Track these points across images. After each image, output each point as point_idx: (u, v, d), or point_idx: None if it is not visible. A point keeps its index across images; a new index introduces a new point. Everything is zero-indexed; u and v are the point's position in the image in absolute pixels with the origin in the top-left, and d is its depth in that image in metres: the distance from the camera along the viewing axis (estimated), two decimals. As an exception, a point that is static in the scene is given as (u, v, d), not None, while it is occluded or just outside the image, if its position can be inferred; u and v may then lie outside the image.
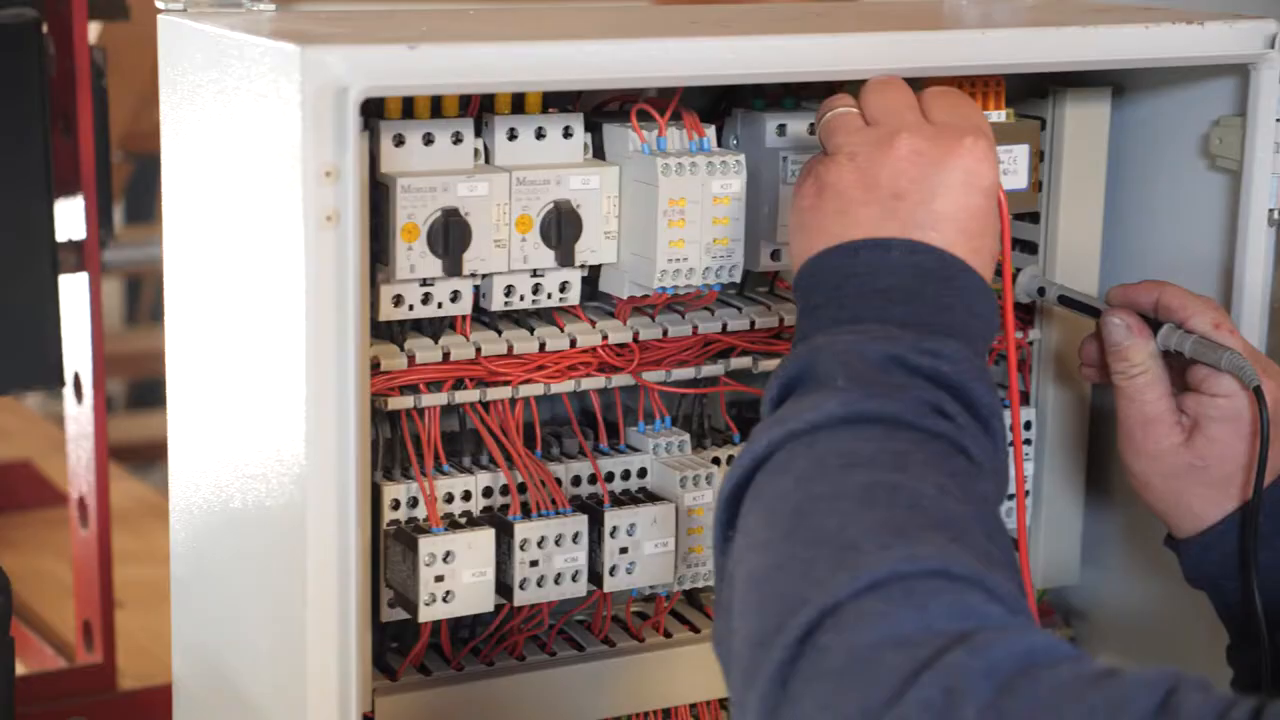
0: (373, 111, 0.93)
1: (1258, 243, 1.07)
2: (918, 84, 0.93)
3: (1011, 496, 1.06)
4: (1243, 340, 1.00)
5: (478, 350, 0.98)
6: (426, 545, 0.95)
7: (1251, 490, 0.97)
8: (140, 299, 3.23)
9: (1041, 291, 1.09)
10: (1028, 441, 1.15)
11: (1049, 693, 0.60)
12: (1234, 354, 0.97)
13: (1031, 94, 1.13)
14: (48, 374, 1.48)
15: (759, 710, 0.65)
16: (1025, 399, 1.16)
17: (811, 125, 1.00)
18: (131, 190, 2.81)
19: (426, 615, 0.96)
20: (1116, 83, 1.14)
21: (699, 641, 1.08)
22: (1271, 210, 1.07)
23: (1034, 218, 1.15)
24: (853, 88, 1.04)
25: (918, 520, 0.69)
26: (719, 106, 1.06)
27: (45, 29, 1.45)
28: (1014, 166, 1.09)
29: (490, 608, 0.98)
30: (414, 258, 0.93)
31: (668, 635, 1.08)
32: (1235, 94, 1.08)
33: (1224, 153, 1.08)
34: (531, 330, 1.01)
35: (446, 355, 0.98)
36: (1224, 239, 1.09)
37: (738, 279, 1.00)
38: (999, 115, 1.08)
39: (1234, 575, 0.98)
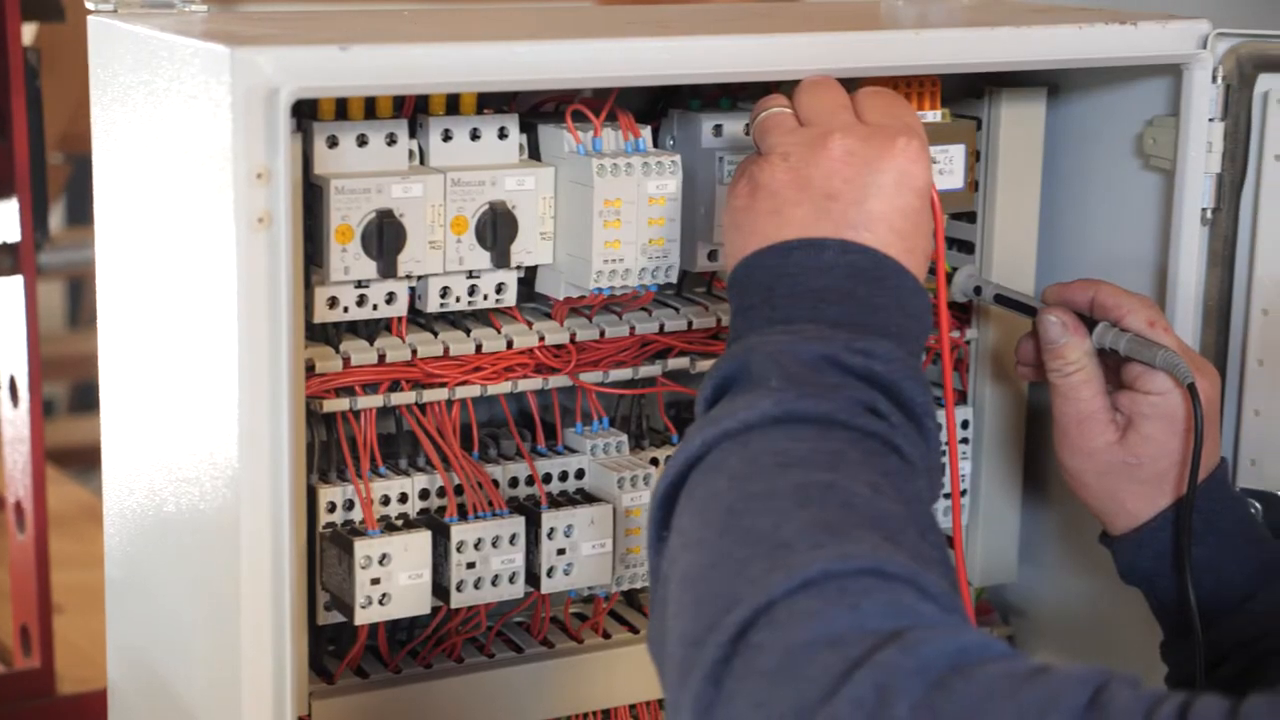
0: (306, 113, 0.93)
1: (1191, 241, 1.07)
2: (854, 84, 0.93)
3: (947, 495, 1.07)
4: (1176, 338, 1.01)
5: (414, 352, 0.98)
6: (362, 548, 0.95)
7: (1183, 487, 0.98)
8: (83, 301, 3.21)
9: (978, 291, 1.09)
10: (965, 440, 1.15)
11: (981, 690, 0.60)
12: (1168, 352, 0.98)
13: (967, 94, 1.14)
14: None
15: (693, 709, 0.65)
16: (963, 398, 1.17)
17: (748, 126, 1.00)
18: (72, 191, 2.79)
19: (363, 618, 0.95)
20: (1052, 83, 1.15)
21: (638, 642, 1.08)
22: (1204, 210, 1.08)
23: (970, 217, 1.15)
24: (788, 88, 1.05)
25: (851, 519, 0.69)
26: (656, 107, 1.06)
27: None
28: (950, 166, 1.10)
29: (427, 610, 0.97)
30: (348, 260, 0.93)
31: (606, 636, 1.08)
32: (1169, 94, 1.08)
33: (1157, 152, 1.09)
34: (468, 332, 1.00)
35: (382, 357, 0.97)
36: (1158, 238, 1.10)
37: (674, 279, 1.00)
38: (935, 115, 1.08)
39: (1167, 572, 0.99)
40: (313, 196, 0.93)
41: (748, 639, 0.64)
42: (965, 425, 1.15)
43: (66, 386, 3.15)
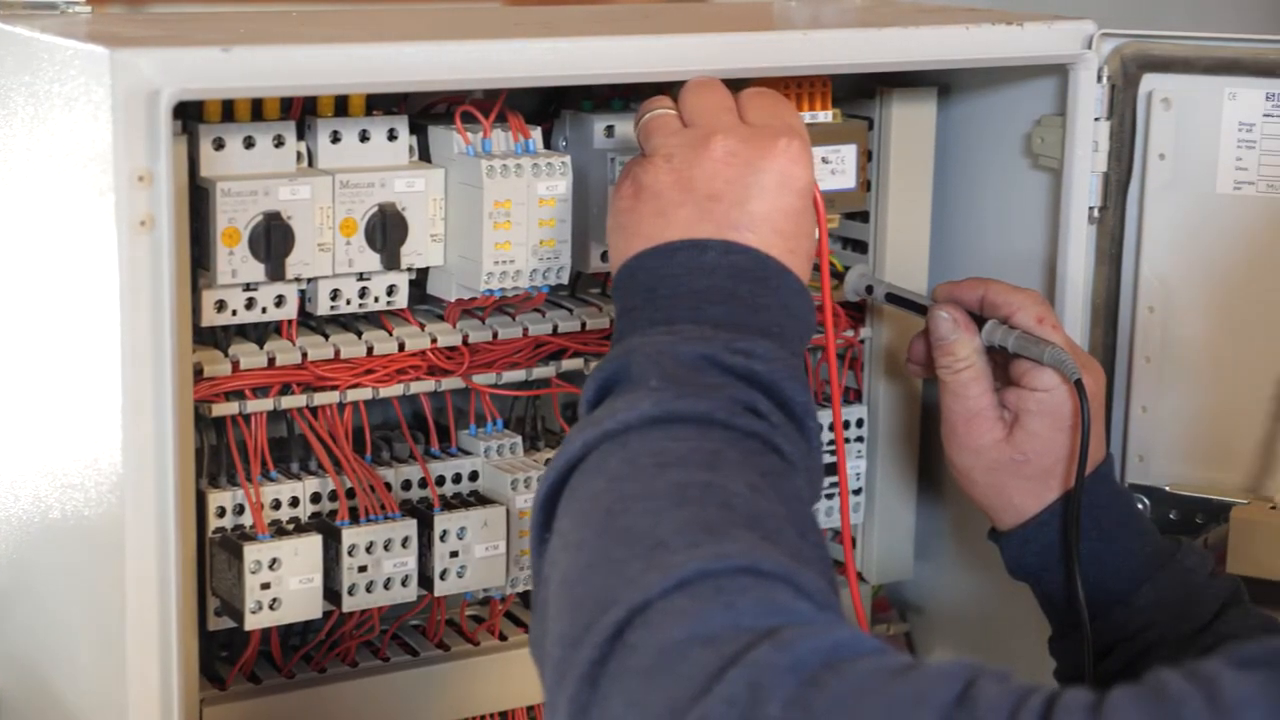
0: (192, 114, 0.92)
1: (1078, 240, 1.08)
2: (744, 85, 0.93)
3: (832, 495, 1.07)
4: (1065, 335, 1.02)
5: (304, 355, 0.98)
6: (252, 552, 0.94)
7: (1068, 483, 0.99)
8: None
9: (870, 290, 1.10)
10: (860, 439, 1.16)
11: (852, 686, 0.61)
12: (1056, 348, 0.99)
13: (859, 94, 1.15)
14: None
15: (568, 710, 0.65)
16: (857, 396, 1.17)
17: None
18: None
19: (253, 623, 0.95)
20: (942, 83, 1.16)
21: (534, 644, 1.07)
22: (1091, 208, 1.09)
23: (863, 217, 1.16)
24: (678, 89, 1.05)
25: (728, 518, 0.69)
26: (548, 108, 1.06)
27: None
28: (842, 166, 1.10)
29: (318, 614, 0.97)
30: (235, 262, 0.92)
31: (502, 638, 1.08)
32: (1056, 94, 1.09)
33: (1045, 151, 1.10)
34: (359, 334, 1.00)
35: (272, 360, 0.97)
36: (1047, 236, 1.11)
37: (565, 280, 1.00)
38: (826, 115, 1.09)
39: (1053, 567, 1.00)
40: (199, 199, 0.92)
41: (624, 639, 0.64)
42: (860, 424, 1.16)
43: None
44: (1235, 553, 1.06)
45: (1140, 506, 1.09)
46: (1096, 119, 1.07)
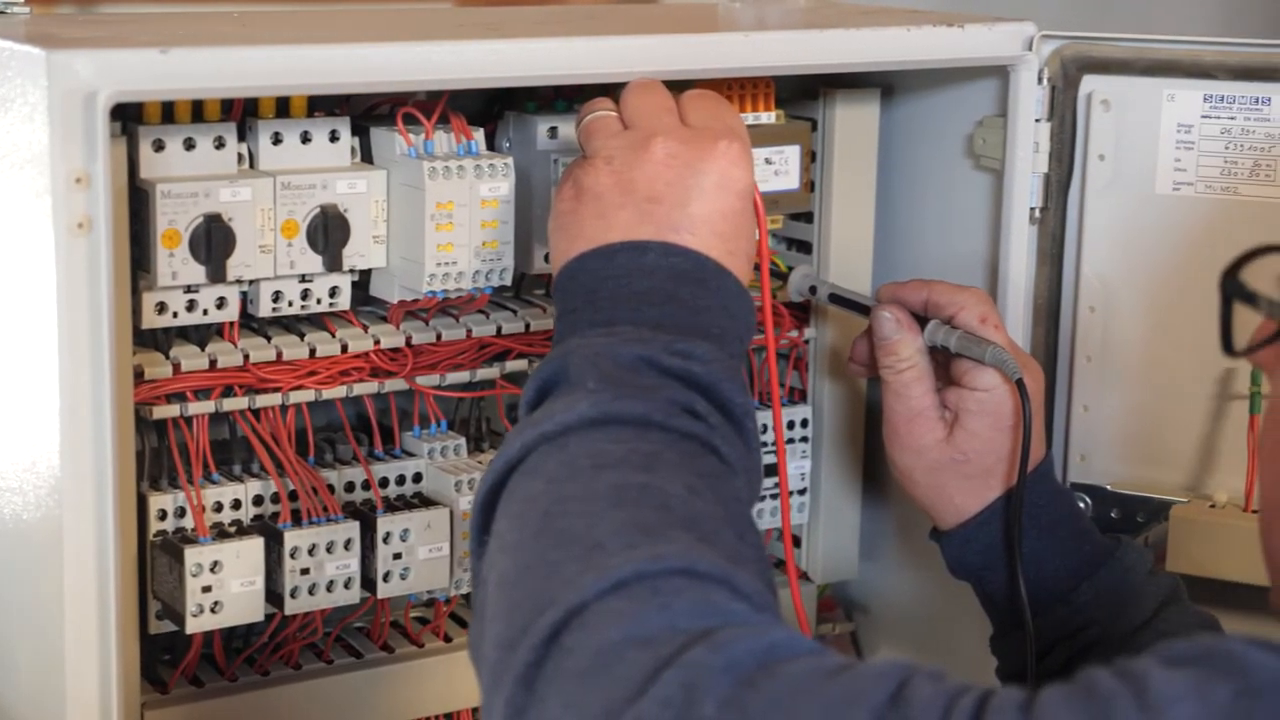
0: (131, 116, 0.92)
1: (1020, 240, 1.09)
2: (687, 86, 0.93)
3: (776, 495, 1.08)
4: (1006, 335, 1.03)
5: (246, 357, 0.97)
6: (193, 555, 0.94)
7: (1009, 482, 1.00)
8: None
9: (813, 290, 1.10)
10: (805, 439, 1.16)
11: (787, 687, 0.61)
12: (997, 348, 0.99)
13: (803, 95, 1.15)
14: None
15: (504, 713, 0.65)
16: (801, 397, 1.18)
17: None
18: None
19: (194, 626, 0.94)
20: (885, 84, 1.16)
21: (479, 645, 1.07)
22: (1033, 209, 1.10)
23: (807, 218, 1.16)
24: (620, 91, 1.05)
25: (665, 519, 0.69)
26: (492, 109, 1.06)
27: None
28: (785, 167, 1.11)
29: (260, 618, 0.97)
30: (176, 264, 0.92)
31: (447, 639, 1.07)
32: (997, 95, 1.10)
33: (987, 152, 1.11)
34: (302, 336, 1.00)
35: (214, 362, 0.97)
36: (989, 237, 1.12)
37: (508, 282, 1.00)
38: (769, 117, 1.10)
39: (994, 566, 1.01)
40: (139, 201, 0.92)
41: (560, 641, 0.64)
42: (805, 424, 1.16)
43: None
44: (1175, 551, 1.07)
45: (1081, 505, 1.10)
46: (1037, 120, 1.08)
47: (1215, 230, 1.06)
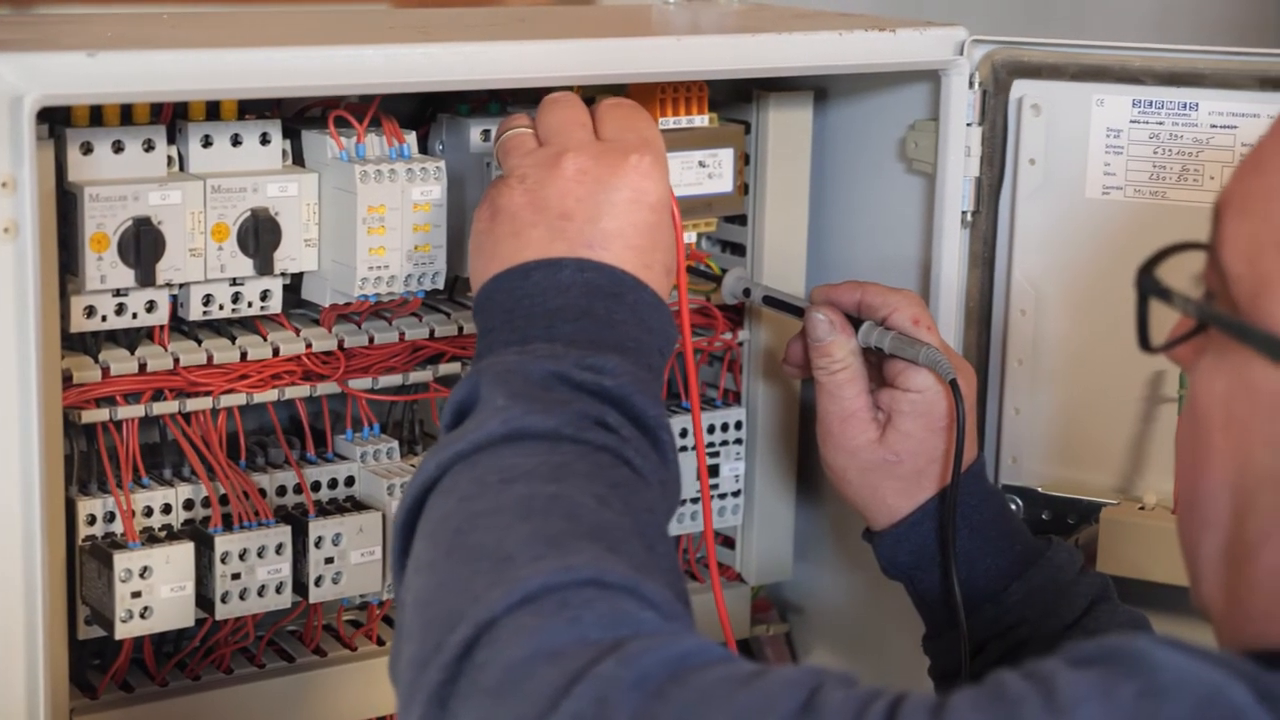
0: (59, 119, 0.91)
1: (952, 244, 1.10)
2: (619, 91, 0.93)
3: (697, 499, 1.08)
4: (939, 337, 1.03)
5: (176, 361, 0.97)
6: (122, 561, 0.93)
7: (941, 483, 1.00)
8: None
9: (747, 292, 1.11)
10: (739, 441, 1.16)
11: (698, 696, 0.61)
12: (930, 349, 1.00)
13: (736, 98, 1.15)
14: None
15: None
16: (735, 399, 1.18)
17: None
18: None
19: (123, 632, 0.94)
20: (819, 87, 1.16)
21: (412, 648, 1.07)
22: (964, 212, 1.10)
23: (740, 220, 1.17)
24: (557, 92, 1.05)
25: (572, 530, 0.69)
26: (424, 112, 1.05)
27: None
28: (719, 170, 1.11)
29: (190, 623, 0.96)
30: (104, 268, 0.92)
31: (380, 643, 1.07)
32: (929, 99, 1.11)
33: (919, 156, 1.11)
34: (233, 339, 0.99)
35: (143, 366, 0.96)
36: (922, 240, 1.12)
37: (441, 285, 1.00)
38: (703, 120, 1.10)
39: (926, 566, 1.01)
40: (67, 204, 0.91)
41: (471, 658, 0.65)
42: (739, 426, 1.16)
43: None
44: (1105, 553, 1.08)
45: (1013, 507, 1.10)
46: (968, 124, 1.09)
47: (1144, 234, 1.07)
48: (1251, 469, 0.67)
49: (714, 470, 1.15)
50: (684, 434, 1.11)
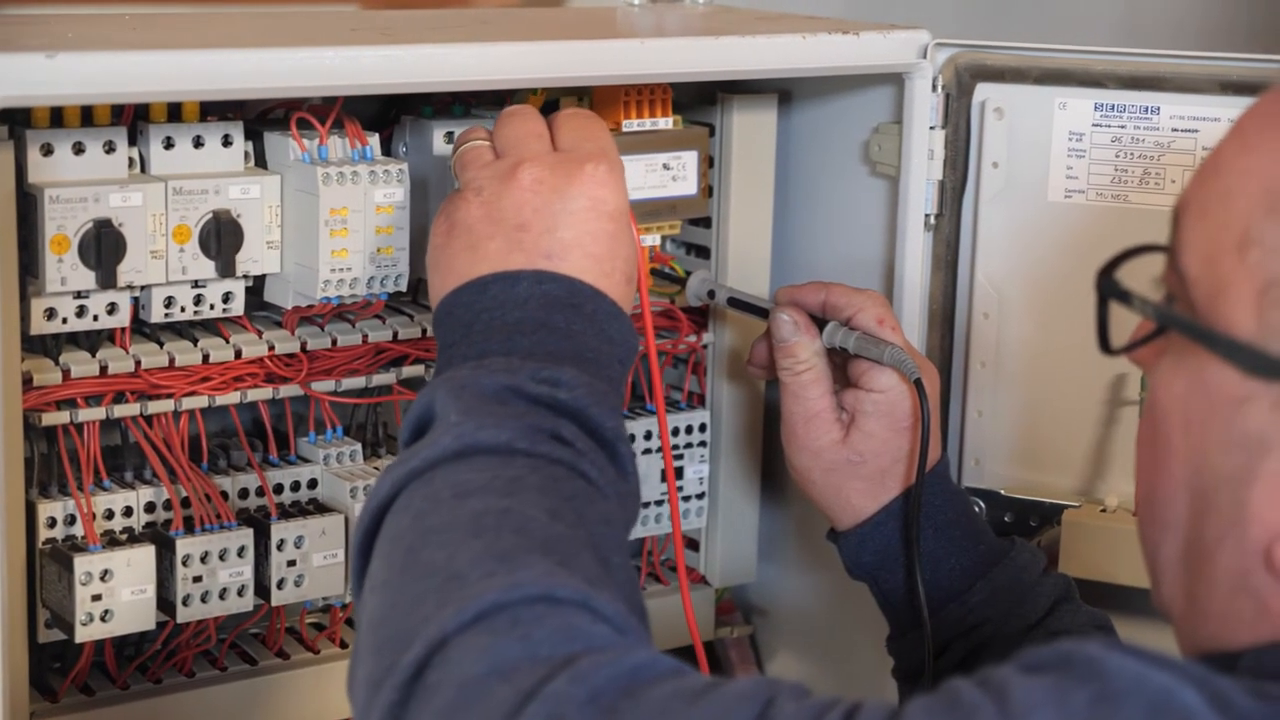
0: (20, 120, 0.91)
1: (915, 246, 1.10)
2: (584, 93, 0.93)
3: (662, 502, 1.08)
4: (903, 337, 1.03)
5: (137, 363, 0.97)
6: (83, 564, 0.93)
7: (905, 483, 1.01)
8: None
9: (712, 294, 1.11)
10: (703, 443, 1.16)
11: (650, 711, 0.61)
12: (895, 349, 1.00)
13: (700, 101, 1.15)
14: None
15: None
16: (700, 401, 1.18)
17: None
18: None
19: (84, 635, 0.94)
20: (783, 90, 1.17)
21: (376, 651, 1.07)
22: (928, 215, 1.11)
23: (705, 223, 1.17)
24: (520, 97, 1.05)
25: (523, 544, 0.69)
26: (388, 114, 1.05)
27: None
28: (683, 173, 1.11)
29: (151, 626, 0.96)
30: (65, 270, 0.91)
31: (343, 646, 1.07)
32: (893, 102, 1.11)
33: (883, 159, 1.11)
34: (195, 341, 0.99)
35: (104, 369, 0.96)
36: (885, 242, 1.13)
37: (404, 287, 1.00)
38: (667, 122, 1.10)
39: (890, 566, 1.01)
40: (27, 206, 0.91)
41: (424, 679, 0.64)
42: (704, 428, 1.16)
43: None
44: (1067, 555, 1.08)
45: (976, 508, 1.10)
46: (932, 127, 1.09)
47: (1107, 237, 1.08)
48: (1208, 471, 0.67)
49: (679, 473, 1.15)
50: (649, 436, 1.11)
